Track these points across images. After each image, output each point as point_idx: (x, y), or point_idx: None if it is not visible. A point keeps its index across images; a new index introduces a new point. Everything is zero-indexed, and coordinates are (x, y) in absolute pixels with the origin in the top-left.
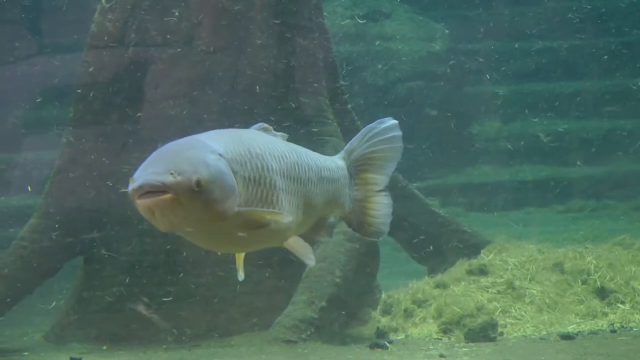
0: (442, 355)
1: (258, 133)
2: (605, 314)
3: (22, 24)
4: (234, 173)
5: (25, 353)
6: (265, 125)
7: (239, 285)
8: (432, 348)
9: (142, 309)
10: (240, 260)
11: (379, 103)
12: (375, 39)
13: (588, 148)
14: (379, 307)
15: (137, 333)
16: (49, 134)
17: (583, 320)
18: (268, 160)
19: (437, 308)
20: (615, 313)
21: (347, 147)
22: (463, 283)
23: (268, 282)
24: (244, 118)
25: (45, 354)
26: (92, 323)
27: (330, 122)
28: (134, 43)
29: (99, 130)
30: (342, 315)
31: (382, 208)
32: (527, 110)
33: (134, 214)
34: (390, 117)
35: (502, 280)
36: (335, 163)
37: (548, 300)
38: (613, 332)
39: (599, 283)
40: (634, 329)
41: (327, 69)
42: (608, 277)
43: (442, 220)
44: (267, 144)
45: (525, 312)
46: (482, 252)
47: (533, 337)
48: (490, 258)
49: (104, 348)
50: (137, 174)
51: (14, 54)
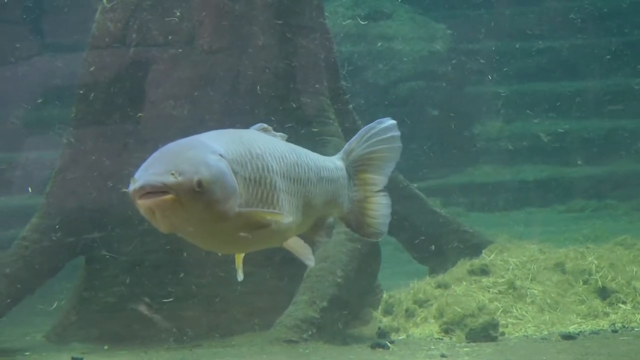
0: (443, 355)
1: (258, 133)
2: (607, 314)
3: (23, 24)
4: (235, 173)
5: (27, 353)
6: (265, 126)
7: (241, 285)
8: (433, 348)
9: (143, 309)
10: (240, 261)
11: (380, 103)
12: (377, 39)
13: (589, 148)
14: (381, 307)
15: (138, 333)
16: (51, 134)
17: (584, 320)
18: (268, 161)
19: (438, 308)
20: (617, 313)
21: (345, 147)
22: (464, 283)
23: (269, 282)
24: (246, 118)
25: (47, 354)
26: (93, 323)
27: (332, 122)
28: (136, 43)
29: (101, 130)
30: (343, 315)
31: (380, 208)
32: (528, 110)
33: (135, 214)
34: (389, 117)
35: (503, 280)
36: (334, 163)
37: (549, 300)
38: (614, 332)
39: (601, 283)
40: (635, 329)
41: (328, 69)
42: (609, 277)
43: (443, 220)
44: (267, 145)
45: (527, 312)
46: (483, 252)
47: (534, 337)
48: (492, 258)
49: (106, 348)
50: (138, 175)
51: (16, 54)
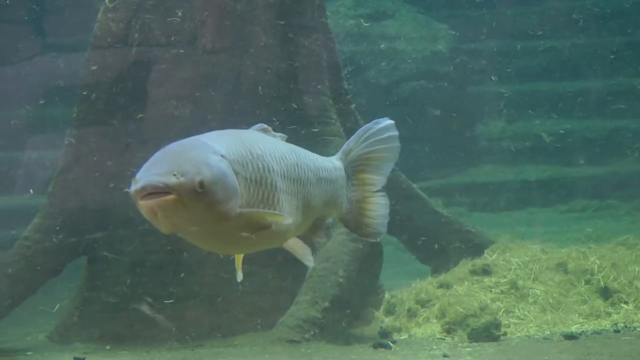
0: (445, 355)
1: (258, 134)
2: (609, 314)
3: (25, 24)
4: (236, 174)
5: (29, 353)
6: (265, 126)
7: (243, 285)
8: (435, 348)
9: (145, 309)
10: (240, 261)
11: (383, 103)
12: (379, 39)
13: (591, 148)
14: (383, 307)
15: (140, 333)
16: (53, 134)
17: (586, 320)
18: (269, 161)
19: (440, 308)
20: (619, 313)
21: (344, 147)
22: (466, 283)
23: (271, 282)
24: (248, 118)
25: (49, 354)
26: (95, 323)
27: (334, 122)
28: (138, 43)
29: (103, 130)
30: (345, 315)
31: (379, 209)
32: (530, 110)
33: (137, 214)
34: (392, 117)
35: (505, 280)
36: (333, 164)
37: (551, 300)
38: (616, 332)
39: (603, 283)
40: (638, 329)
41: (330, 69)
42: (611, 277)
43: (445, 220)
44: (267, 145)
45: (529, 312)
46: (485, 252)
47: (536, 337)
48: (494, 258)
49: (108, 348)
50: (139, 175)
51: (18, 54)
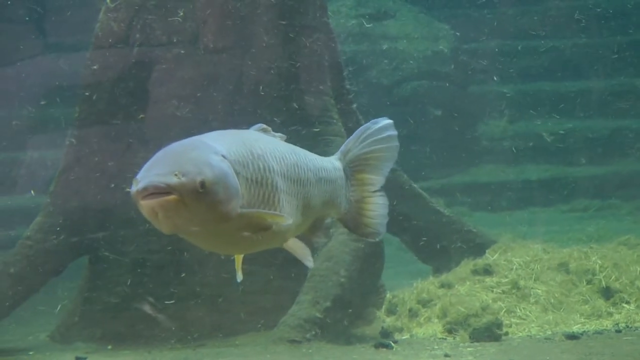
0: (447, 355)
1: (258, 134)
2: (610, 314)
3: (26, 24)
4: (237, 174)
5: (31, 352)
6: (264, 126)
7: (244, 285)
8: (437, 348)
9: (147, 309)
10: (239, 262)
11: (384, 103)
12: (380, 39)
13: (593, 148)
14: (384, 306)
15: (142, 333)
16: (54, 134)
17: (588, 320)
18: (269, 161)
19: (442, 308)
20: (620, 313)
21: (342, 147)
22: (468, 283)
23: (273, 281)
24: (249, 118)
25: (51, 354)
26: (97, 323)
27: (335, 122)
28: (139, 43)
29: (104, 130)
30: (347, 315)
31: (378, 208)
32: (532, 110)
33: (139, 214)
34: (393, 117)
35: (507, 280)
36: (332, 164)
37: (553, 300)
38: (618, 332)
39: (604, 283)
40: (639, 329)
41: (332, 69)
42: (613, 277)
43: (447, 220)
44: (267, 145)
45: (530, 311)
46: (487, 251)
47: (538, 336)
48: (495, 258)
49: (109, 347)
50: (140, 175)
51: (19, 54)
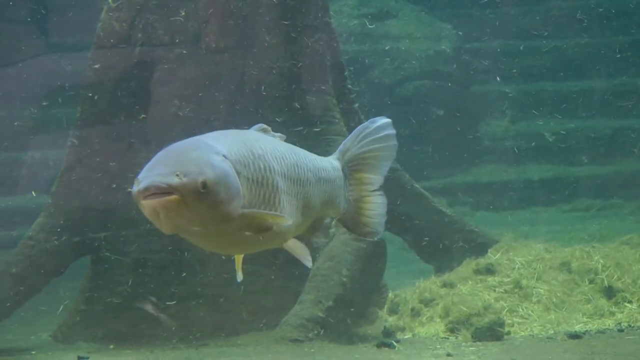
0: (449, 355)
1: (258, 134)
2: (613, 313)
3: (28, 24)
4: (238, 174)
5: (33, 352)
6: (264, 126)
7: (246, 285)
8: (439, 347)
9: (149, 309)
10: (240, 262)
11: (386, 102)
12: (382, 38)
13: (595, 147)
14: (386, 306)
15: (144, 332)
16: (56, 134)
17: (590, 320)
18: (270, 162)
19: (444, 307)
20: (623, 312)
21: (340, 147)
22: (470, 282)
23: (275, 281)
24: (251, 118)
25: (53, 353)
26: (99, 322)
27: (337, 121)
28: (141, 43)
29: (106, 130)
30: (349, 315)
31: (377, 208)
32: (534, 110)
33: (140, 214)
34: (394, 116)
35: (509, 280)
36: (331, 164)
37: (555, 300)
38: (620, 331)
39: (606, 282)
40: None
41: (334, 69)
42: (615, 276)
43: (449, 220)
44: (268, 145)
45: (532, 311)
46: (489, 251)
47: (540, 336)
48: (497, 257)
49: (111, 347)
50: (141, 175)
51: (21, 54)
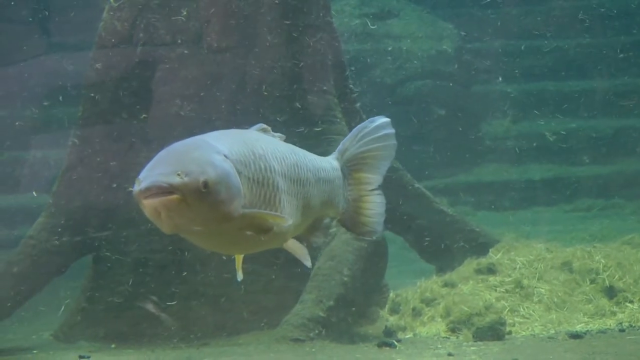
0: (450, 354)
1: (258, 134)
2: (614, 313)
3: (30, 24)
4: (239, 174)
5: (35, 351)
6: (264, 126)
7: (247, 285)
8: (440, 347)
9: (150, 308)
10: (240, 261)
11: (387, 102)
12: (384, 38)
13: (597, 147)
14: (387, 305)
15: (145, 332)
16: (57, 133)
17: (591, 319)
18: (270, 162)
19: (445, 307)
20: (624, 312)
21: (339, 147)
22: (471, 282)
23: (276, 281)
24: (252, 118)
25: (54, 353)
26: (100, 322)
27: (339, 121)
28: (142, 42)
29: (107, 130)
30: (350, 314)
31: (375, 207)
32: (535, 110)
33: (141, 214)
34: (391, 116)
35: (510, 279)
36: (330, 164)
37: (556, 299)
38: (621, 331)
39: (608, 282)
40: None
41: (335, 68)
42: (617, 276)
43: (450, 219)
44: (268, 145)
45: (534, 311)
46: (490, 251)
47: (541, 336)
48: (499, 257)
49: (113, 346)
50: (143, 175)
51: (22, 54)
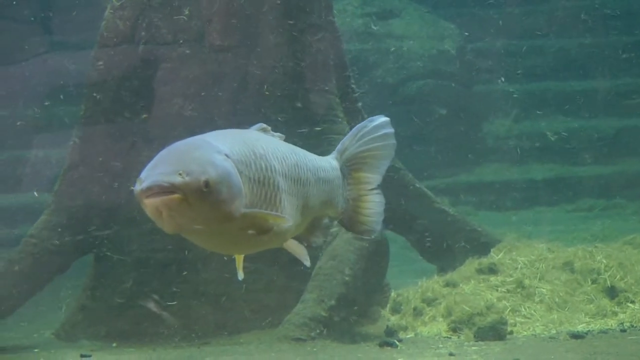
0: (451, 354)
1: (259, 133)
2: (615, 313)
3: (32, 22)
4: (240, 173)
5: (36, 350)
6: (264, 126)
7: (249, 284)
8: (441, 347)
9: (152, 307)
10: (240, 260)
11: (389, 102)
12: (386, 38)
13: (599, 147)
14: (389, 305)
15: (146, 330)
16: (59, 132)
17: (593, 320)
18: (271, 161)
19: (446, 307)
20: (625, 312)
21: (339, 146)
22: (473, 282)
23: (277, 280)
24: (254, 117)
25: (56, 351)
26: (102, 320)
27: (340, 120)
28: (144, 41)
29: (109, 129)
30: (351, 314)
31: (374, 206)
32: (537, 110)
33: (143, 213)
34: (392, 115)
35: (511, 279)
36: (330, 163)
37: (558, 299)
38: (623, 331)
39: (609, 282)
40: None
41: (337, 68)
42: (618, 276)
43: (451, 219)
44: (269, 145)
45: (535, 311)
46: (491, 250)
47: (542, 336)
48: (500, 257)
49: (114, 345)
50: (144, 174)
51: (24, 53)
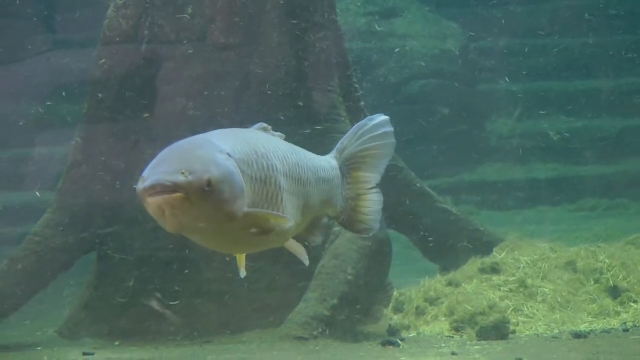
0: (453, 353)
1: (259, 133)
2: (618, 313)
3: (35, 21)
4: (242, 172)
5: (39, 348)
6: (265, 125)
7: (251, 282)
8: (443, 346)
9: (154, 305)
10: (242, 259)
11: (391, 101)
12: (388, 37)
13: (601, 147)
14: (391, 304)
15: (149, 329)
16: (62, 130)
17: (595, 319)
18: (273, 160)
19: (449, 306)
20: (628, 312)
21: (338, 145)
22: (475, 281)
23: (280, 279)
24: (256, 116)
25: (58, 349)
26: (104, 319)
27: (343, 119)
28: (147, 40)
29: (112, 127)
30: (354, 313)
31: (372, 205)
32: (540, 109)
33: (145, 211)
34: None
35: (514, 279)
36: (329, 163)
37: (560, 299)
38: (625, 330)
39: (612, 282)
40: None
41: (339, 67)
42: (621, 276)
43: (454, 218)
44: (270, 144)
45: (537, 310)
46: (494, 250)
47: (545, 335)
48: (503, 256)
49: (117, 343)
50: (146, 173)
51: (27, 51)
